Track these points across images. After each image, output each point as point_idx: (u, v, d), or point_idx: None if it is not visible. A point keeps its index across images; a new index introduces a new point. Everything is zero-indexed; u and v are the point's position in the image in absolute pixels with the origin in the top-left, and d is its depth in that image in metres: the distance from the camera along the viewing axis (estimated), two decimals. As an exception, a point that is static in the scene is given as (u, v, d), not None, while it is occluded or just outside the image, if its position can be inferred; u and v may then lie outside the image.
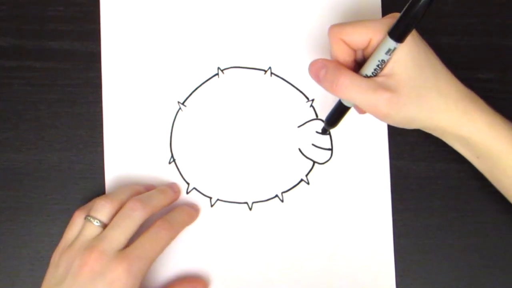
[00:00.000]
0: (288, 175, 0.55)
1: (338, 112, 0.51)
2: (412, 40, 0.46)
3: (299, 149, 0.55)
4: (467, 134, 0.48)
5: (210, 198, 0.55)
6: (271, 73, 0.55)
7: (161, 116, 0.55)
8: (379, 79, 0.47)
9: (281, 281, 0.54)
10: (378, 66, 0.47)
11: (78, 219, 0.50)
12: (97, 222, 0.49)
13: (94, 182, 0.54)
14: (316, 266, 0.54)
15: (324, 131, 0.54)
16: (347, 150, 0.55)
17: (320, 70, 0.48)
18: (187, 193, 0.55)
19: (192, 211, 0.54)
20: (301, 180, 0.55)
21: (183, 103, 0.55)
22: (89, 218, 0.49)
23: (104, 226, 0.49)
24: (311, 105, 0.55)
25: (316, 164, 0.55)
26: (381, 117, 0.48)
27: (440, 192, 0.55)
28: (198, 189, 0.55)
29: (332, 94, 0.48)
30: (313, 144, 0.55)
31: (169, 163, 0.55)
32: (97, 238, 0.48)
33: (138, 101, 0.55)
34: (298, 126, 0.55)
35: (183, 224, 0.52)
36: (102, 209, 0.49)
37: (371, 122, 0.55)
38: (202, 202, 0.55)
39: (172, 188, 0.54)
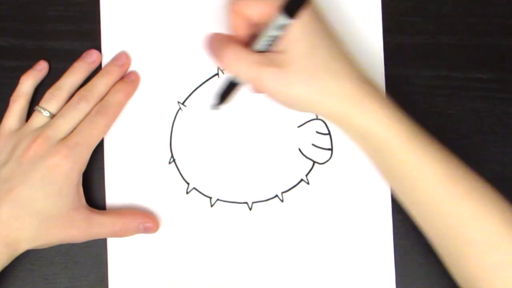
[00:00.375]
0: (288, 175, 0.55)
1: (227, 88, 0.50)
2: (310, 17, 0.45)
3: (299, 149, 0.55)
4: (359, 124, 0.46)
5: (210, 198, 0.55)
6: (271, 73, 0.55)
7: (161, 116, 0.55)
8: (269, 54, 0.46)
9: (281, 281, 0.54)
10: (269, 41, 0.45)
11: (15, 106, 0.52)
12: (46, 112, 0.51)
13: (94, 181, 0.54)
14: (316, 266, 0.54)
15: (214, 106, 0.51)
16: (347, 150, 0.55)
17: (211, 43, 0.48)
18: (187, 193, 0.55)
19: (128, 87, 0.54)
20: (301, 180, 0.55)
21: (183, 103, 0.55)
22: (39, 108, 0.52)
23: (52, 116, 0.52)
24: (311, 105, 0.55)
25: (316, 164, 0.55)
26: (267, 93, 0.46)
27: (440, 192, 0.55)
28: (198, 189, 0.55)
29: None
30: (313, 144, 0.55)
31: (169, 163, 0.55)
32: (44, 126, 0.51)
33: (138, 101, 0.55)
34: (298, 126, 0.55)
35: (119, 105, 0.53)
36: (51, 100, 0.52)
37: (371, 122, 0.55)
38: (202, 202, 0.55)
39: (117, 60, 0.54)
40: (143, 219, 0.53)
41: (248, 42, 0.48)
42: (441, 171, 0.46)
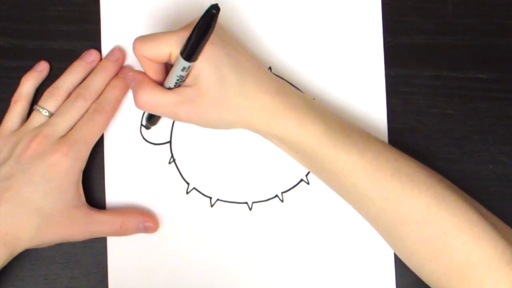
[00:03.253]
0: (288, 175, 0.55)
1: (152, 116, 0.53)
2: (212, 50, 0.46)
3: (299, 149, 0.55)
4: (279, 134, 0.49)
5: (210, 198, 0.55)
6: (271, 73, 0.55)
7: (161, 116, 0.55)
8: (181, 90, 0.47)
9: (281, 281, 0.54)
10: (178, 80, 0.47)
11: (16, 107, 0.53)
12: (45, 111, 0.52)
13: (94, 181, 0.54)
14: (316, 266, 0.54)
15: (146, 127, 0.55)
16: (347, 150, 0.55)
17: (129, 81, 0.50)
18: (187, 193, 0.55)
19: (124, 82, 0.54)
20: (301, 180, 0.55)
21: (183, 103, 0.55)
22: (38, 108, 0.52)
23: (51, 115, 0.52)
24: (311, 105, 0.55)
25: (316, 164, 0.55)
26: (187, 122, 0.49)
27: (440, 192, 0.55)
28: (198, 189, 0.55)
29: None
30: (313, 144, 0.55)
31: (169, 163, 0.55)
32: (43, 125, 0.51)
33: (138, 101, 0.55)
34: (298, 126, 0.55)
35: (116, 101, 0.53)
36: (50, 100, 0.52)
37: (371, 122, 0.55)
38: (202, 202, 0.55)
39: (112, 55, 0.54)
40: (143, 218, 0.53)
41: (162, 79, 0.49)
42: (362, 160, 0.48)
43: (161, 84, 0.49)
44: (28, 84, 0.53)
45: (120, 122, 0.55)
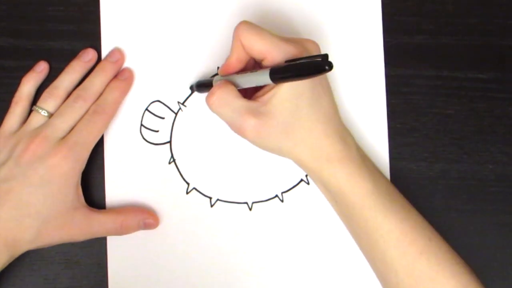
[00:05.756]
0: (288, 175, 0.55)
1: (202, 84, 0.52)
2: (302, 83, 0.46)
3: (299, 149, 0.55)
4: (327, 180, 0.49)
5: (210, 198, 0.55)
6: (271, 73, 0.55)
7: (161, 116, 0.55)
8: (253, 103, 0.47)
9: (281, 281, 0.54)
10: (250, 86, 0.47)
11: (16, 107, 0.52)
12: (44, 112, 0.51)
13: (94, 181, 0.54)
14: (316, 266, 0.54)
15: (191, 89, 0.55)
16: (347, 150, 0.55)
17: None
18: (187, 193, 0.55)
19: (123, 84, 0.54)
20: (301, 180, 0.55)
21: (183, 103, 0.55)
22: (37, 108, 0.52)
23: (51, 116, 0.52)
24: (311, 105, 0.55)
25: (316, 164, 0.55)
26: (244, 138, 0.48)
27: (440, 192, 0.55)
28: (198, 189, 0.55)
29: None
30: (313, 144, 0.55)
31: (169, 163, 0.55)
32: (42, 126, 0.51)
33: (139, 101, 0.55)
34: (298, 126, 0.55)
35: (116, 102, 0.53)
36: (49, 100, 0.52)
37: (371, 122, 0.55)
38: (202, 202, 0.55)
39: (111, 56, 0.54)
40: (143, 215, 0.53)
41: (239, 68, 0.49)
42: (398, 230, 0.48)
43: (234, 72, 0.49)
44: (29, 84, 0.53)
45: (120, 122, 0.55)
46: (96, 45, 0.55)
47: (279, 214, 0.55)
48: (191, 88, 0.55)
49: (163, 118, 0.55)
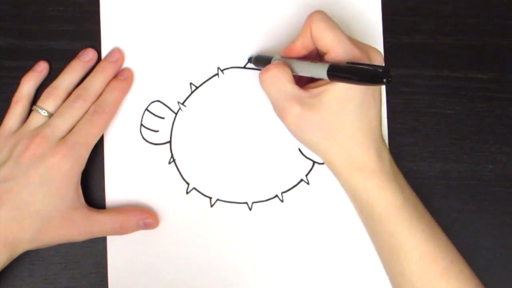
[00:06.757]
0: (288, 175, 0.55)
1: (264, 61, 0.52)
2: (356, 87, 0.46)
3: (299, 149, 0.55)
4: (357, 188, 0.48)
5: (210, 198, 0.55)
6: (271, 73, 0.55)
7: (161, 116, 0.55)
8: (303, 93, 0.47)
9: (281, 281, 0.54)
10: (305, 75, 0.47)
11: (16, 107, 0.52)
12: (44, 112, 0.51)
13: (94, 181, 0.54)
14: (316, 266, 0.54)
15: (250, 61, 0.55)
16: (347, 150, 0.55)
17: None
18: (187, 193, 0.55)
19: (123, 84, 0.54)
20: (301, 180, 0.55)
21: (183, 103, 0.55)
22: (36, 108, 0.52)
23: (50, 116, 0.52)
24: (311, 105, 0.55)
25: (316, 164, 0.55)
26: (284, 123, 0.48)
27: (440, 192, 0.55)
28: (198, 189, 0.55)
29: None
30: (313, 144, 0.55)
31: (169, 163, 0.55)
32: (42, 126, 0.51)
33: (138, 101, 0.55)
34: (298, 126, 0.55)
35: (115, 102, 0.53)
36: (48, 100, 0.52)
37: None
38: (202, 202, 0.55)
39: (111, 56, 0.54)
40: (143, 215, 0.53)
41: (301, 54, 0.49)
42: (422, 247, 0.47)
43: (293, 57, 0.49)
44: (29, 84, 0.53)
45: (120, 122, 0.55)
46: (96, 45, 0.55)
47: (279, 214, 0.55)
48: (249, 59, 0.55)
49: (163, 118, 0.55)
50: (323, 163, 0.55)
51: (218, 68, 0.55)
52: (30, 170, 0.49)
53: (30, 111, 0.53)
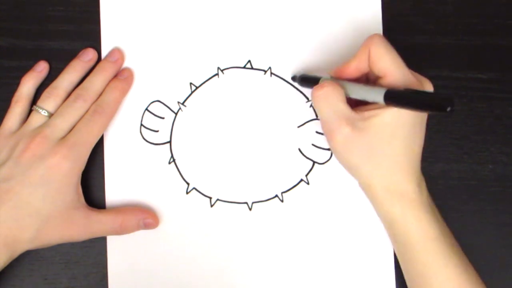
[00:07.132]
0: (288, 175, 0.55)
1: (308, 81, 0.52)
2: (407, 115, 0.46)
3: (299, 149, 0.55)
4: (394, 217, 0.48)
5: (210, 198, 0.55)
6: (271, 73, 0.55)
7: (161, 116, 0.55)
8: (354, 115, 0.47)
9: (281, 281, 0.54)
10: (358, 98, 0.47)
11: (16, 107, 0.53)
12: (44, 112, 0.52)
13: (94, 181, 0.54)
14: (316, 266, 0.54)
15: (293, 79, 0.55)
16: (347, 150, 0.55)
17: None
18: (187, 193, 0.55)
19: (123, 84, 0.54)
20: (301, 180, 0.55)
21: (183, 103, 0.55)
22: (36, 108, 0.52)
23: (51, 116, 0.52)
24: (311, 105, 0.55)
25: (316, 164, 0.55)
26: (328, 143, 0.48)
27: (440, 192, 0.55)
28: (198, 189, 0.55)
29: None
30: (313, 144, 0.55)
31: (169, 163, 0.55)
32: (42, 125, 0.51)
33: (138, 101, 0.55)
34: (298, 126, 0.55)
35: (115, 102, 0.53)
36: (48, 100, 0.52)
37: (371, 122, 0.55)
38: (202, 202, 0.55)
39: (111, 56, 0.54)
40: (143, 215, 0.53)
41: (353, 75, 0.49)
42: (456, 280, 0.48)
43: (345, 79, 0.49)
44: (28, 84, 0.53)
45: (120, 122, 0.55)
46: (96, 45, 0.55)
47: (279, 214, 0.55)
48: (293, 78, 0.54)
49: (163, 118, 0.55)
50: (323, 163, 0.55)
51: (218, 68, 0.55)
52: (30, 170, 0.49)
53: (30, 111, 0.53)
